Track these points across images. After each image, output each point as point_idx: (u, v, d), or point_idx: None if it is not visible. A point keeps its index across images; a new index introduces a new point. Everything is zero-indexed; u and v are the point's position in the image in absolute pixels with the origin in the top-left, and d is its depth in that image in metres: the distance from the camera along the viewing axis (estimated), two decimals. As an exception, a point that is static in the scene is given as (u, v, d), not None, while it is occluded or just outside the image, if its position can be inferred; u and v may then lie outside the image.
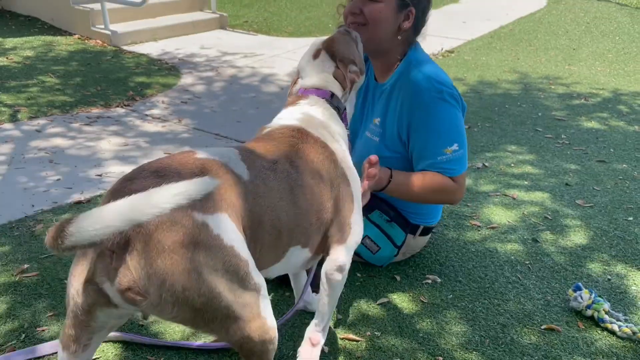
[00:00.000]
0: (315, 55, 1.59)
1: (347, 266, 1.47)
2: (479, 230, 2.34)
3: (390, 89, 1.83)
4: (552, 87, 4.45)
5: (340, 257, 1.45)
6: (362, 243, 1.84)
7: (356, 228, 1.48)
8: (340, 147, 1.51)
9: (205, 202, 1.10)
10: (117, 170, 2.88)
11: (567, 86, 4.47)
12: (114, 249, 1.02)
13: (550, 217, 2.44)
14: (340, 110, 1.57)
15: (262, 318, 1.16)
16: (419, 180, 1.75)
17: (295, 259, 1.41)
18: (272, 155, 1.35)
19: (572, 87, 4.44)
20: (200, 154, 1.27)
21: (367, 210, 1.82)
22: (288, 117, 1.52)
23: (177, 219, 1.05)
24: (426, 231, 2.04)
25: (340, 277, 1.46)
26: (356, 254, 1.88)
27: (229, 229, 1.12)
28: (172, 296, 1.04)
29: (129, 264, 1.02)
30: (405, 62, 1.80)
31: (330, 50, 1.57)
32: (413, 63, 1.79)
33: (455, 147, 1.73)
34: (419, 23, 1.80)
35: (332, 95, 1.55)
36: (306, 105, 1.53)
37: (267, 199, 1.27)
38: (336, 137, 1.52)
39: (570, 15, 7.29)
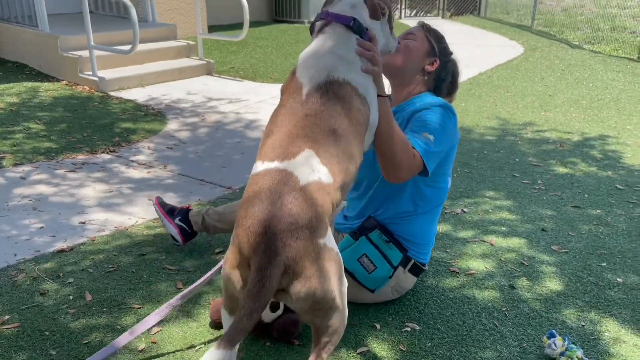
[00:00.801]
0: None
1: None
2: (457, 277, 2.38)
3: (394, 111, 1.98)
4: (529, 133, 4.59)
5: None
6: (358, 261, 1.98)
7: None
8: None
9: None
10: (101, 218, 2.90)
11: (543, 132, 4.61)
12: None
13: (526, 263, 2.50)
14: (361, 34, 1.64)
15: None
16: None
17: None
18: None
19: (548, 133, 4.58)
20: None
21: (367, 229, 1.99)
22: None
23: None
24: (416, 270, 2.09)
25: None
26: (350, 274, 1.95)
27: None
28: None
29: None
30: (418, 97, 2.03)
31: None
32: (424, 97, 2.02)
33: (431, 137, 1.85)
34: (438, 82, 2.06)
35: (354, 20, 1.63)
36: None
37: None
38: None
39: (546, 63, 7.56)
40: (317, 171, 1.42)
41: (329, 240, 1.40)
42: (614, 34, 9.57)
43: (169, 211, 2.48)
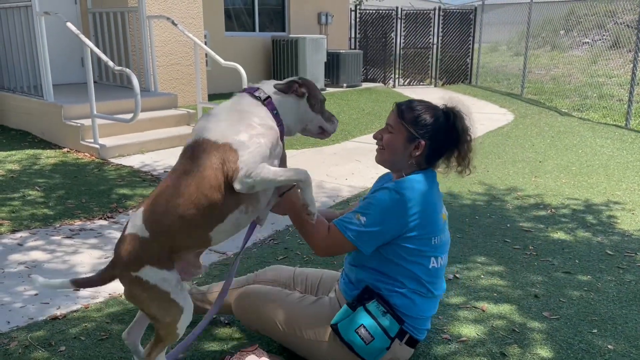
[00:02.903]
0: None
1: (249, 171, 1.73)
2: (449, 344, 2.38)
3: None
4: (520, 198, 4.67)
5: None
6: (356, 332, 1.97)
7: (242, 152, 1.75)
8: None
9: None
10: (95, 284, 2.91)
11: (534, 198, 4.70)
12: None
13: (517, 330, 2.51)
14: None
15: None
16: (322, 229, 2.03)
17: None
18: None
19: (539, 199, 4.66)
20: None
21: (365, 299, 2.00)
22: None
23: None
24: (411, 342, 2.09)
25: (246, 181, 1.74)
26: (348, 345, 1.95)
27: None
28: None
29: None
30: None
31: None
32: (413, 177, 2.06)
33: (363, 219, 1.96)
34: (432, 154, 2.07)
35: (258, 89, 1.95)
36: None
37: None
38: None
39: (536, 130, 7.77)
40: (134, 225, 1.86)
41: (142, 273, 1.83)
42: (602, 101, 9.88)
43: None
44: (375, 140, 2.13)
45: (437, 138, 2.05)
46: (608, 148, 6.64)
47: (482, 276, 3.12)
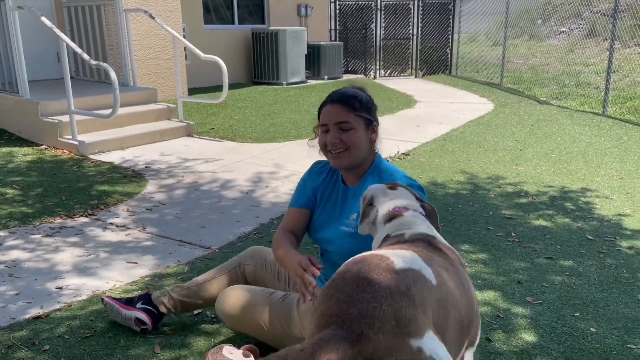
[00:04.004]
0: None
1: None
2: (435, 332, 2.40)
3: (362, 190, 2.01)
4: (502, 186, 4.72)
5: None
6: None
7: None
8: None
9: (414, 326, 1.18)
10: (78, 282, 2.88)
11: (515, 185, 4.75)
12: None
13: (502, 316, 2.54)
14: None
15: None
16: None
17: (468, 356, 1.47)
18: (433, 255, 1.47)
19: (520, 186, 4.71)
20: (397, 263, 1.32)
21: None
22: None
23: (398, 347, 1.15)
24: None
25: None
26: None
27: (438, 348, 1.20)
28: None
29: None
30: (373, 166, 2.07)
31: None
32: (380, 165, 2.08)
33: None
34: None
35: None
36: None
37: (451, 298, 1.34)
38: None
39: (516, 118, 7.84)
40: None
41: None
42: (579, 89, 10.01)
43: (127, 302, 2.37)
44: (329, 147, 1.98)
45: (375, 113, 2.07)
46: (586, 135, 6.73)
47: (466, 263, 3.14)
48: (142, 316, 2.31)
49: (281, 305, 2.08)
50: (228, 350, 2.02)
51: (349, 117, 1.95)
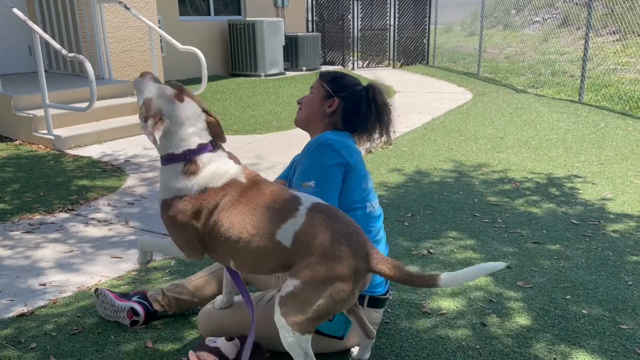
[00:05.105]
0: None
1: None
2: (430, 318, 2.40)
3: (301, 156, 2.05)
4: (485, 173, 4.74)
5: None
6: None
7: None
8: None
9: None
10: (62, 279, 2.80)
11: (498, 172, 4.78)
12: None
13: (495, 300, 2.55)
14: None
15: None
16: None
17: None
18: None
19: (503, 173, 4.75)
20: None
21: None
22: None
23: None
24: (376, 303, 2.06)
25: None
26: (315, 331, 1.88)
27: None
28: None
29: None
30: (318, 137, 2.03)
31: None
32: (321, 136, 2.02)
33: (311, 183, 1.93)
34: (347, 116, 2.11)
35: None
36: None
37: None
38: None
39: (495, 107, 7.91)
40: None
41: None
42: (555, 78, 10.14)
43: (121, 295, 2.34)
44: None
45: (353, 100, 2.11)
46: (564, 122, 6.82)
47: (456, 250, 3.15)
48: (137, 307, 2.28)
49: (269, 307, 2.02)
50: (211, 339, 1.97)
51: (315, 84, 2.18)
